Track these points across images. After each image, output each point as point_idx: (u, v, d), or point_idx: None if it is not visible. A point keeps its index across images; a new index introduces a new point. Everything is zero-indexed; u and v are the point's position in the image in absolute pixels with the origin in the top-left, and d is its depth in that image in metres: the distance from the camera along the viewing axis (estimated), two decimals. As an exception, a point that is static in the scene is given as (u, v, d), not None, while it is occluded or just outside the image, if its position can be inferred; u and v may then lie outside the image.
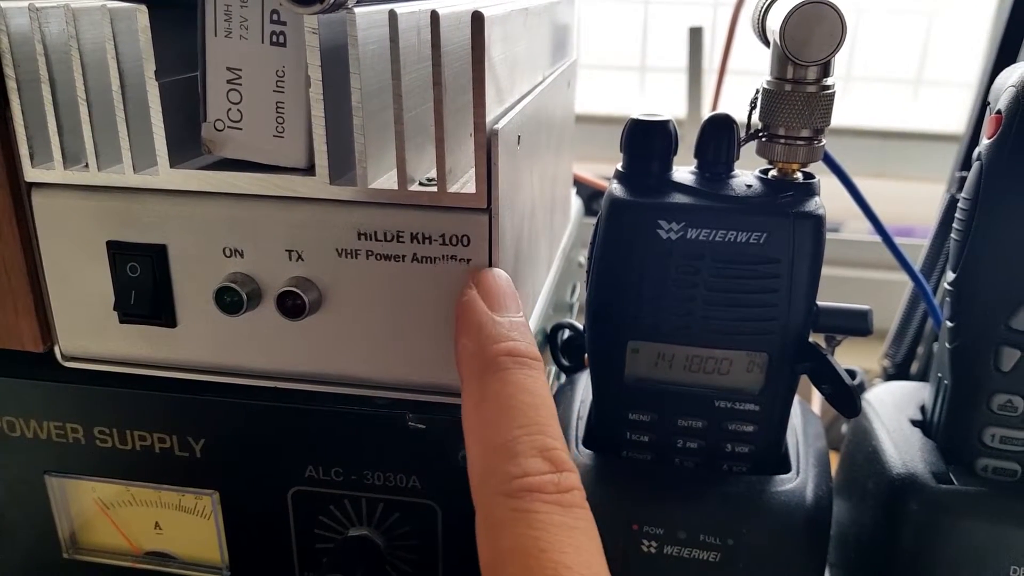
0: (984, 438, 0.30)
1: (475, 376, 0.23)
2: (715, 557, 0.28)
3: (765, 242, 0.27)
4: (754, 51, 0.32)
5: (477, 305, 0.24)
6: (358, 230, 0.25)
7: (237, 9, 0.24)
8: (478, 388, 0.23)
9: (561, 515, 0.20)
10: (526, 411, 0.22)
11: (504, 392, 0.22)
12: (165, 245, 0.26)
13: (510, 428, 0.21)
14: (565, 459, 0.22)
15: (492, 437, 0.22)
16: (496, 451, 0.21)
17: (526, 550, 0.20)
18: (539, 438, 0.21)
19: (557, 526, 0.20)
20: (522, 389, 0.22)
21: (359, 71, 0.23)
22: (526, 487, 0.20)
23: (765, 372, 0.29)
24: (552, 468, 0.21)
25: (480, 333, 0.23)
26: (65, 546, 0.32)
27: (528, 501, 0.20)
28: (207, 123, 0.25)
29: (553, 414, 0.22)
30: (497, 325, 0.23)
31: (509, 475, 0.21)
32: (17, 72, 0.25)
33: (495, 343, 0.23)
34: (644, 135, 0.29)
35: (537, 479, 0.21)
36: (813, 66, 0.26)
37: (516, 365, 0.23)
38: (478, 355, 0.23)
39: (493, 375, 0.22)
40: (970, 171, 0.29)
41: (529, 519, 0.20)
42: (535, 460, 0.21)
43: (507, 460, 0.21)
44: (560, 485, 0.21)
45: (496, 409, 0.22)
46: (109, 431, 0.29)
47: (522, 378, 0.22)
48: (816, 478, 0.30)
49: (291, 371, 0.27)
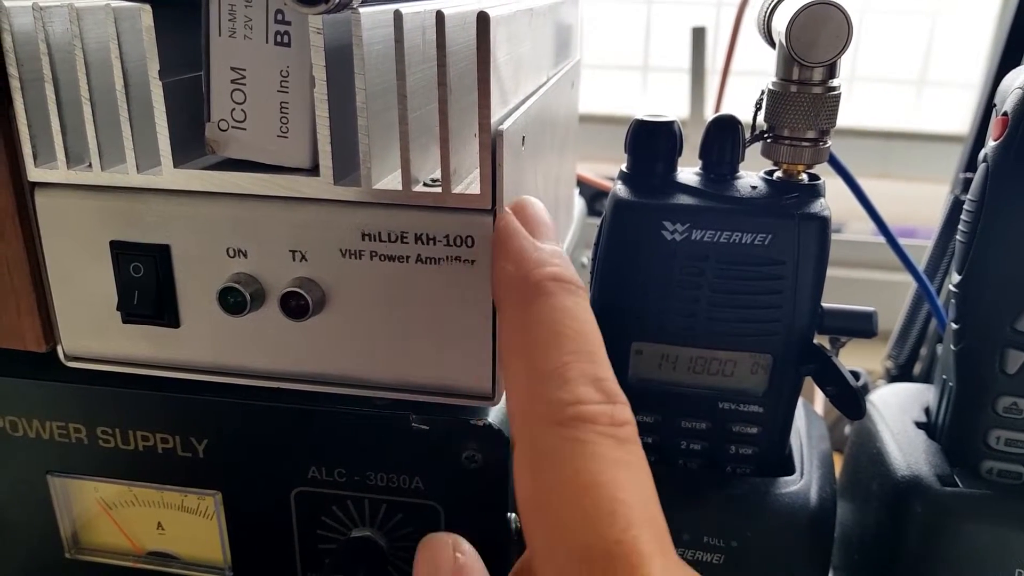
0: (989, 440, 0.30)
1: (518, 301, 0.21)
2: (719, 559, 0.28)
3: (770, 243, 0.27)
4: (757, 51, 0.32)
5: (518, 228, 0.22)
6: (362, 231, 0.25)
7: (241, 9, 0.24)
8: (521, 313, 0.21)
9: (616, 449, 0.19)
10: (576, 338, 0.20)
11: (552, 317, 0.20)
12: (168, 245, 0.26)
13: (560, 354, 0.20)
14: (618, 391, 0.20)
15: (540, 363, 0.20)
16: (545, 377, 0.19)
17: (580, 484, 0.18)
18: (590, 366, 0.20)
19: (613, 460, 0.18)
20: (570, 315, 0.21)
21: (364, 71, 0.23)
22: (580, 416, 0.19)
23: (769, 374, 0.29)
24: (605, 398, 0.19)
25: (522, 256, 0.22)
26: (67, 546, 0.32)
27: (582, 431, 0.18)
28: (211, 123, 0.25)
29: (601, 342, 0.21)
30: (540, 250, 0.22)
31: (561, 402, 0.19)
32: (21, 71, 0.25)
33: (539, 267, 0.21)
34: (648, 136, 0.28)
35: (591, 408, 0.19)
36: (819, 67, 0.26)
37: (562, 291, 0.21)
38: (521, 279, 0.21)
39: (538, 299, 0.21)
40: (976, 173, 0.29)
41: (585, 450, 0.18)
42: (587, 388, 0.19)
43: (558, 387, 0.19)
44: (615, 418, 0.19)
45: (544, 334, 0.20)
46: (112, 431, 0.29)
47: (570, 304, 0.21)
48: (820, 480, 0.30)
49: (294, 372, 0.27)
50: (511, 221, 0.23)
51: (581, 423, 0.19)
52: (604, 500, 0.18)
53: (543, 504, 0.18)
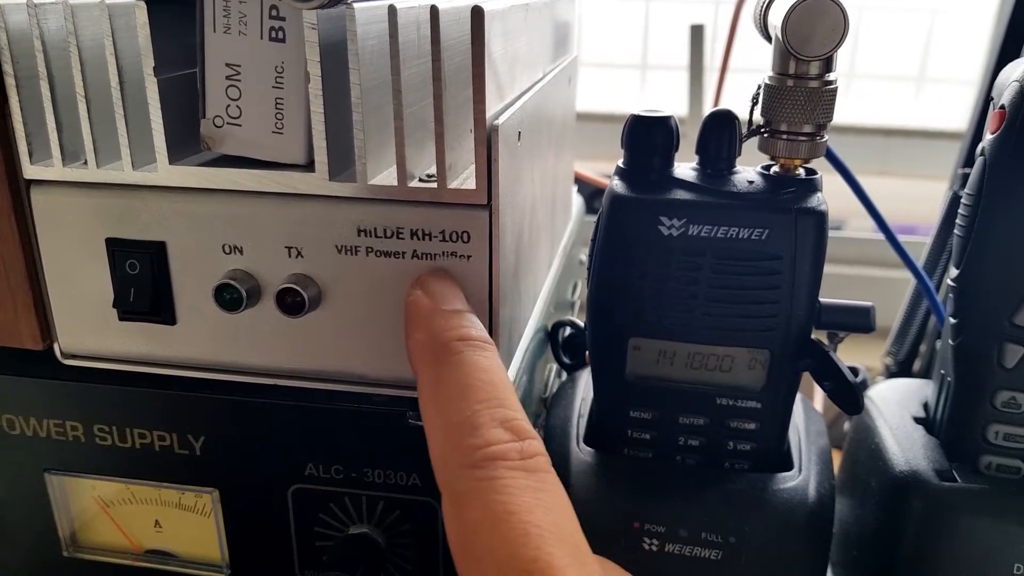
0: (987, 435, 0.29)
1: (430, 364, 0.23)
2: (717, 555, 0.28)
3: (767, 238, 0.27)
4: (756, 49, 0.31)
5: (423, 301, 0.24)
6: (358, 226, 0.25)
7: (236, 5, 0.24)
8: (433, 375, 0.22)
9: (526, 479, 0.20)
10: (483, 387, 0.22)
11: (460, 373, 0.22)
12: (164, 242, 0.26)
13: (470, 404, 0.21)
14: (527, 428, 0.21)
15: (451, 416, 0.21)
16: (457, 428, 0.21)
17: (494, 516, 0.19)
18: (499, 410, 0.21)
19: (523, 489, 0.20)
20: (478, 368, 0.22)
21: (359, 67, 0.23)
22: (489, 456, 0.20)
23: (767, 369, 0.29)
24: (514, 437, 0.21)
25: (430, 325, 0.23)
26: (65, 544, 0.32)
27: (492, 469, 0.20)
28: (206, 119, 0.25)
29: (511, 389, 0.22)
30: (446, 315, 0.24)
31: (471, 447, 0.20)
32: (16, 69, 0.25)
33: (446, 331, 0.23)
34: (645, 131, 0.28)
35: (500, 447, 0.20)
36: (815, 61, 0.26)
37: (469, 348, 0.23)
38: (430, 345, 0.23)
39: (447, 359, 0.22)
40: (973, 167, 0.29)
41: (495, 486, 0.20)
42: (496, 430, 0.21)
43: (468, 434, 0.21)
44: (524, 452, 0.21)
45: (453, 389, 0.22)
46: (109, 429, 0.29)
47: (477, 359, 0.22)
48: (818, 476, 0.30)
49: (291, 368, 0.27)
50: (417, 296, 0.24)
51: (492, 462, 0.20)
52: (517, 525, 0.19)
53: (466, 542, 0.20)
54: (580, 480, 0.29)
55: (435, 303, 0.24)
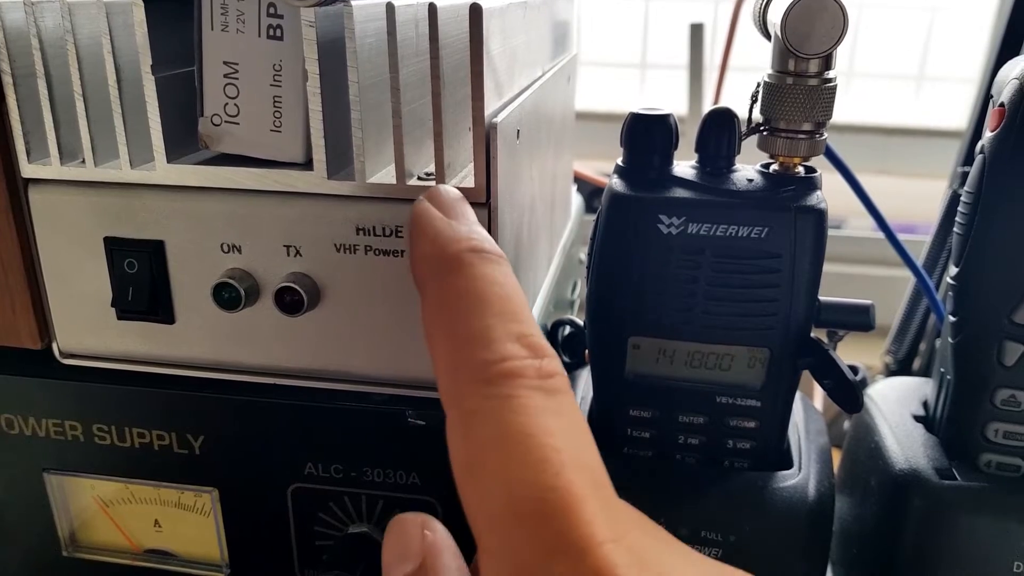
0: (987, 433, 0.29)
1: (437, 276, 0.20)
2: (717, 553, 0.28)
3: (766, 236, 0.27)
4: (755, 47, 0.31)
5: (431, 211, 0.22)
6: (356, 225, 0.25)
7: (234, 3, 0.24)
8: (442, 287, 0.20)
9: (545, 400, 0.18)
10: (498, 301, 0.20)
11: (473, 286, 0.20)
12: (163, 241, 0.26)
13: (483, 318, 0.19)
14: (545, 345, 0.19)
15: (461, 329, 0.19)
16: (468, 342, 0.19)
17: (509, 436, 0.17)
18: (514, 325, 0.19)
19: (541, 410, 0.18)
20: (491, 281, 0.20)
21: (356, 65, 0.23)
22: (506, 372, 0.18)
23: (767, 368, 0.29)
24: (531, 353, 0.19)
25: (438, 236, 0.21)
26: (64, 544, 0.32)
27: (508, 387, 0.18)
28: (204, 118, 0.25)
29: (526, 304, 0.20)
30: (455, 226, 0.21)
31: (487, 362, 0.18)
32: (13, 67, 0.25)
33: (456, 242, 0.21)
34: (644, 129, 0.28)
35: (517, 363, 0.18)
36: (815, 59, 0.26)
37: (482, 260, 0.20)
38: (439, 255, 0.21)
39: (458, 272, 0.20)
40: (973, 165, 0.29)
41: (511, 404, 0.18)
42: (512, 345, 0.19)
43: (481, 348, 0.19)
44: (542, 370, 0.19)
45: (464, 302, 0.20)
46: (108, 428, 0.29)
47: (491, 271, 0.20)
48: (818, 474, 0.30)
49: (290, 367, 0.27)
50: (425, 206, 0.22)
51: (508, 379, 0.18)
52: (534, 448, 0.17)
53: (475, 464, 0.18)
54: (580, 479, 0.29)
55: (438, 208, 0.22)
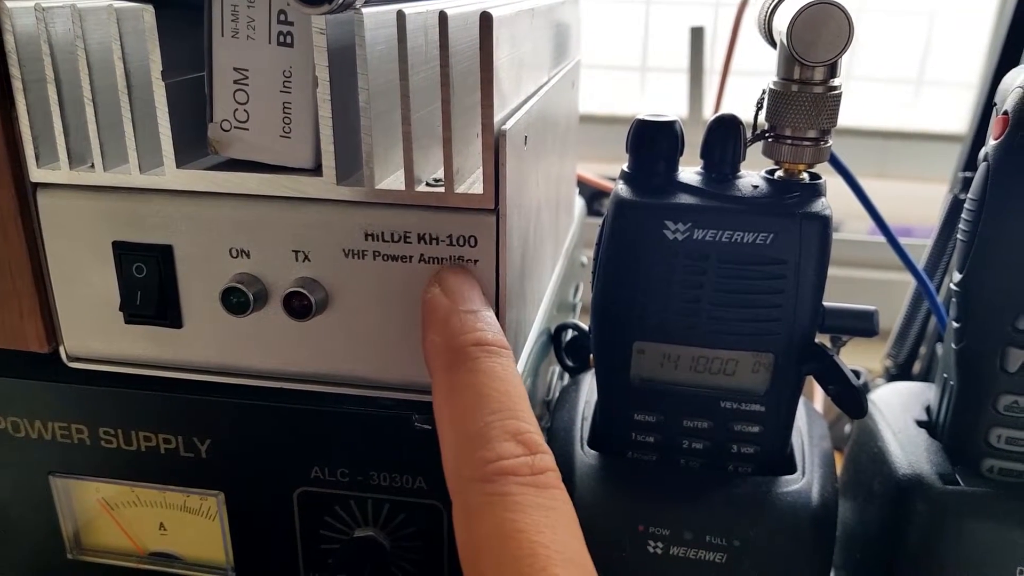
0: (990, 439, 0.30)
1: (444, 369, 0.23)
2: (721, 558, 0.28)
3: (771, 243, 0.27)
4: (755, 51, 0.32)
5: (441, 301, 0.24)
6: (365, 231, 0.25)
7: (244, 9, 0.24)
8: (448, 380, 0.23)
9: (536, 496, 0.20)
10: (498, 398, 0.22)
11: (475, 381, 0.22)
12: (171, 245, 0.26)
13: (482, 415, 0.21)
14: (539, 441, 0.21)
15: (465, 426, 0.22)
16: (469, 439, 0.21)
17: (502, 533, 0.20)
18: (511, 422, 0.21)
19: (533, 507, 0.20)
20: (493, 377, 0.22)
21: (366, 72, 0.23)
22: (500, 470, 0.20)
23: (771, 373, 0.29)
24: (526, 451, 0.21)
25: (447, 327, 0.23)
26: (69, 547, 0.32)
27: (503, 484, 0.20)
28: (213, 123, 0.25)
29: (525, 399, 0.22)
30: (463, 317, 0.23)
31: (483, 460, 0.21)
32: (23, 72, 0.25)
33: (462, 335, 0.23)
34: (650, 136, 0.28)
35: (511, 462, 0.21)
36: (820, 67, 0.26)
37: (485, 354, 0.23)
38: (446, 348, 0.23)
39: (463, 365, 0.22)
40: (976, 172, 0.29)
41: (505, 502, 0.20)
42: (508, 444, 0.21)
43: (480, 446, 0.21)
44: (534, 467, 0.21)
45: (468, 398, 0.22)
46: (114, 432, 0.29)
47: (492, 366, 0.22)
48: (822, 479, 0.30)
49: (297, 372, 0.27)
50: (435, 295, 0.24)
51: (503, 477, 0.20)
52: (524, 544, 0.19)
53: (474, 557, 0.20)
54: (584, 483, 0.30)
55: (453, 302, 0.24)
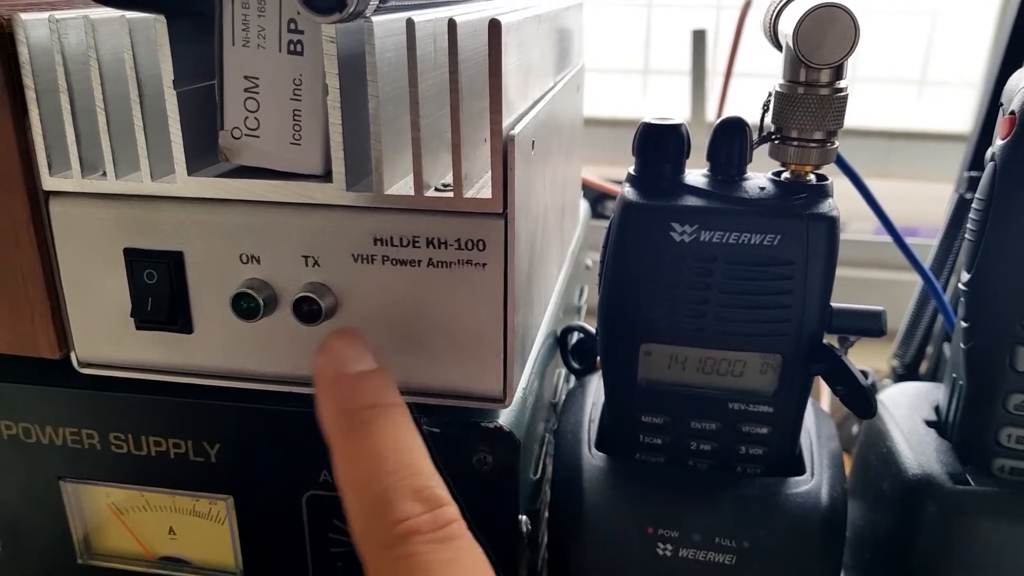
0: (1000, 438, 0.30)
1: (339, 434, 0.23)
2: (731, 560, 0.28)
3: (779, 244, 0.27)
4: (756, 54, 0.32)
5: (328, 367, 0.24)
6: (374, 236, 0.25)
7: (255, 18, 0.24)
8: (344, 446, 0.23)
9: (442, 551, 0.21)
10: (395, 457, 0.22)
11: (370, 444, 0.22)
12: (182, 252, 0.26)
13: (382, 477, 0.22)
14: (440, 495, 0.22)
15: (366, 492, 0.22)
16: (372, 505, 0.21)
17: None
18: (411, 479, 0.22)
19: (441, 563, 0.20)
20: (387, 437, 0.22)
21: (376, 79, 0.23)
22: (404, 532, 0.21)
23: (779, 374, 0.29)
24: (427, 507, 0.21)
25: (336, 392, 0.23)
26: (79, 551, 0.32)
27: (409, 545, 0.21)
28: (224, 131, 0.25)
29: (423, 453, 0.23)
30: (352, 381, 0.24)
31: (386, 524, 0.21)
32: (36, 82, 0.25)
33: (352, 399, 0.23)
34: (656, 138, 0.29)
35: (413, 522, 0.21)
36: (826, 69, 0.26)
37: (378, 415, 0.23)
38: (338, 414, 0.23)
39: (357, 430, 0.23)
40: (983, 172, 0.29)
41: (411, 563, 0.20)
42: (409, 504, 0.21)
43: (383, 510, 0.21)
44: (437, 521, 0.21)
45: (365, 462, 0.22)
46: (124, 437, 0.30)
47: (386, 427, 0.23)
48: (831, 479, 0.30)
49: (307, 376, 0.27)
50: (320, 364, 0.24)
51: (407, 538, 0.21)
52: None
53: None
54: (593, 486, 0.30)
55: (338, 366, 0.24)
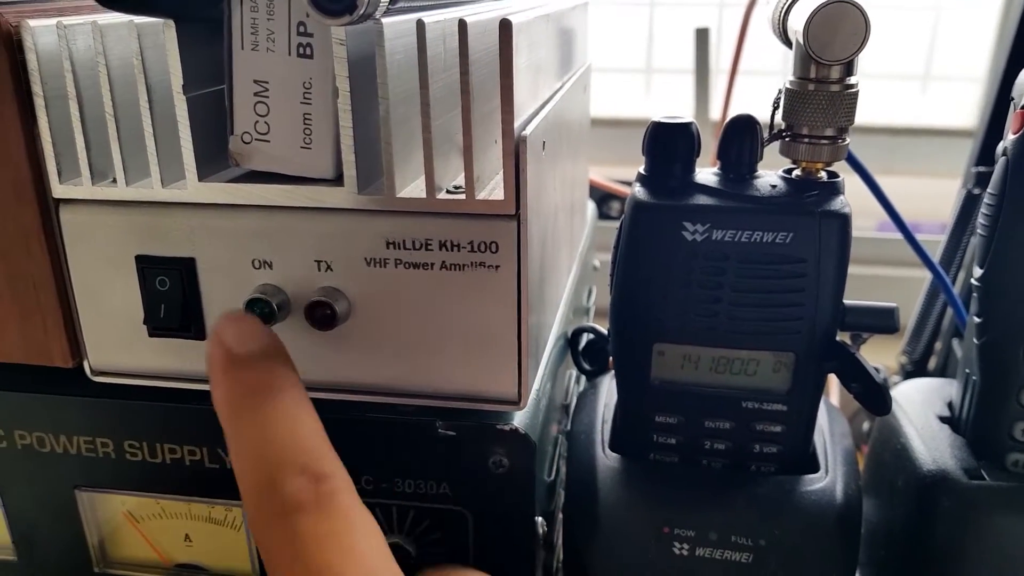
0: (1014, 433, 0.30)
1: (229, 421, 0.23)
2: (747, 558, 0.28)
3: (791, 242, 0.27)
4: (760, 51, 0.32)
5: (214, 356, 0.24)
6: (386, 239, 0.25)
7: (264, 22, 0.24)
8: (233, 432, 0.23)
9: (323, 523, 0.21)
10: (281, 437, 0.22)
11: (257, 427, 0.22)
12: (194, 258, 0.26)
13: (268, 458, 0.22)
14: (324, 468, 0.22)
15: (253, 475, 0.22)
16: (258, 486, 0.22)
17: (296, 568, 0.21)
18: (295, 457, 0.22)
19: (321, 535, 0.21)
20: (273, 418, 0.23)
21: (386, 81, 0.23)
22: (286, 508, 0.21)
23: (792, 372, 0.29)
24: (311, 482, 0.21)
25: (223, 380, 0.23)
26: (95, 560, 0.32)
27: (291, 520, 0.21)
28: (234, 136, 0.25)
29: (312, 429, 0.23)
30: (238, 366, 0.23)
31: (271, 502, 0.22)
32: (45, 89, 0.25)
33: (239, 384, 0.23)
34: (666, 137, 0.29)
35: (296, 497, 0.21)
36: (837, 65, 0.26)
37: (264, 399, 0.23)
38: (227, 401, 0.23)
39: (244, 415, 0.23)
40: (992, 167, 0.29)
41: (292, 537, 0.21)
42: (292, 479, 0.21)
43: (268, 489, 0.22)
44: (320, 494, 0.21)
45: (252, 446, 0.22)
46: (139, 445, 0.29)
47: (273, 408, 0.23)
48: (845, 476, 0.30)
49: (321, 381, 0.27)
50: (210, 352, 0.24)
51: (290, 514, 0.21)
52: (314, 570, 0.20)
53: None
54: (608, 486, 0.30)
55: (224, 351, 0.24)
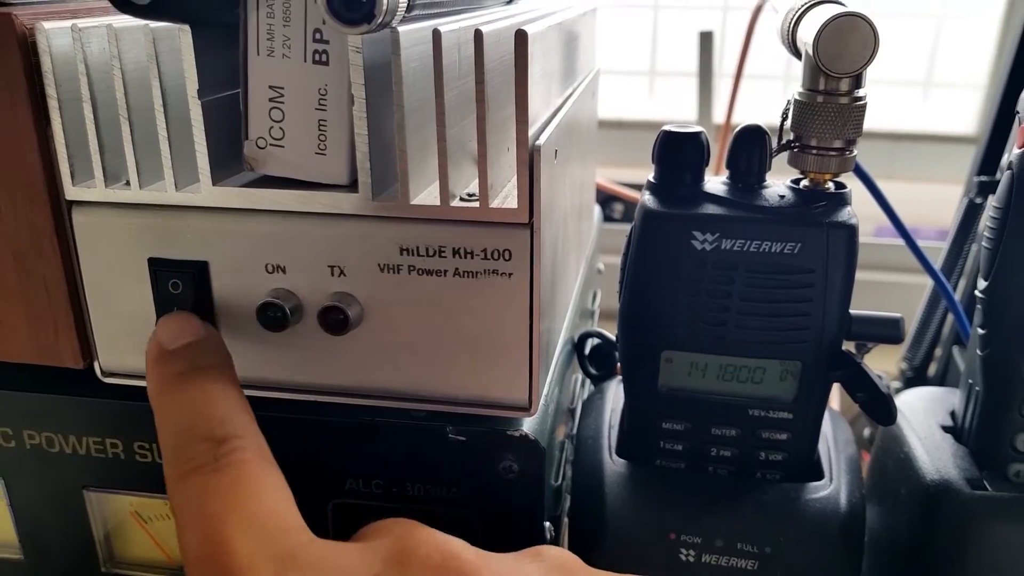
0: (1017, 444, 0.30)
1: (155, 402, 0.24)
2: (753, 565, 0.28)
3: (799, 252, 0.27)
4: (764, 56, 0.32)
5: (150, 351, 0.25)
6: (400, 245, 0.25)
7: (279, 28, 0.24)
8: (158, 412, 0.24)
9: (220, 478, 0.22)
10: (196, 410, 0.23)
11: (177, 404, 0.24)
12: (207, 262, 0.27)
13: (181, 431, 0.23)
14: (228, 432, 0.23)
15: (168, 446, 0.23)
16: (171, 455, 0.23)
17: (190, 521, 0.21)
18: (205, 426, 0.23)
19: (216, 490, 0.21)
20: (192, 395, 0.24)
21: (402, 88, 0.23)
22: (190, 469, 0.22)
23: (799, 381, 0.29)
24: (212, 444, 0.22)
25: (154, 369, 0.25)
26: (103, 559, 0.32)
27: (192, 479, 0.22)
28: (249, 141, 0.25)
29: (228, 401, 0.24)
30: (166, 356, 0.25)
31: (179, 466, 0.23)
32: (59, 92, 0.25)
33: (166, 370, 0.24)
34: (676, 146, 0.29)
35: (199, 460, 0.22)
36: (845, 78, 0.26)
37: (187, 380, 0.24)
38: (155, 385, 0.25)
39: (168, 395, 0.24)
40: (995, 177, 0.29)
41: (190, 494, 0.22)
42: (198, 445, 0.22)
43: (178, 456, 0.23)
44: (219, 453, 0.22)
45: (171, 421, 0.24)
46: (148, 445, 0.30)
47: (192, 386, 0.24)
48: (849, 485, 0.30)
49: (332, 386, 0.28)
50: (148, 348, 0.25)
51: (192, 473, 0.22)
52: (202, 521, 0.21)
53: (182, 554, 0.22)
54: (615, 492, 0.30)
55: (157, 346, 0.25)
